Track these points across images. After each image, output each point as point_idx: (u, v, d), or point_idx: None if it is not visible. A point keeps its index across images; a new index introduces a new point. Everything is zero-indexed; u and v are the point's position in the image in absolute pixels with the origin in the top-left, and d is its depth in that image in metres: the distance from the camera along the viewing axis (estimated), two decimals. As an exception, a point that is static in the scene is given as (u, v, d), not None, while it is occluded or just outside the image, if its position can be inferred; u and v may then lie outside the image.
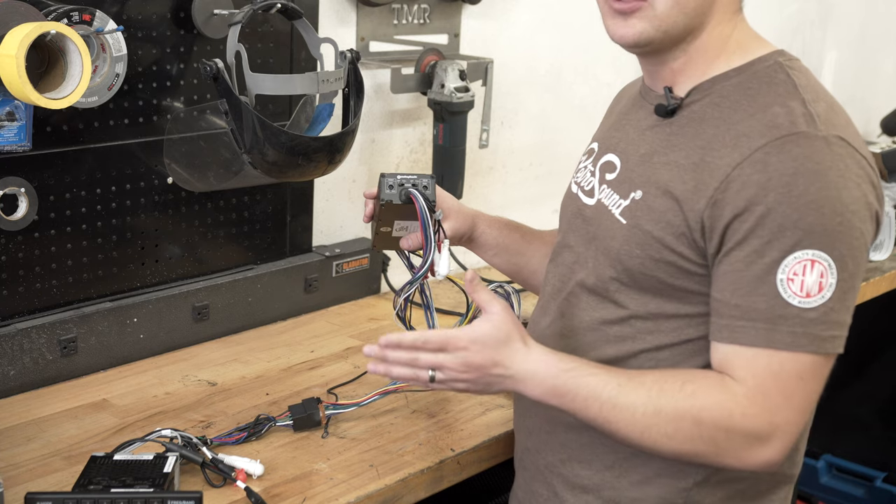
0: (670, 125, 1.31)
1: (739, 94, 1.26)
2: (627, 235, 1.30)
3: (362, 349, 1.33)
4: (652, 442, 1.23)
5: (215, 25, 1.77)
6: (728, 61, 1.29)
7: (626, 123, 1.41)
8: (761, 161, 1.18)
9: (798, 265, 1.16)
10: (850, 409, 3.31)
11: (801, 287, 1.16)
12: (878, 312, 2.81)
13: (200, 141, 1.76)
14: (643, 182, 1.30)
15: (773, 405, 1.18)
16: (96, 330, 1.74)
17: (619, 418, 1.23)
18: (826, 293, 1.17)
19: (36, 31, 1.42)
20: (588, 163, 1.44)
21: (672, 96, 1.31)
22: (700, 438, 1.21)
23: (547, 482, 1.42)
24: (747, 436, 1.19)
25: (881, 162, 2.77)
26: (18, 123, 1.55)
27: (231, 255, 1.95)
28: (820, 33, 3.53)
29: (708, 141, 1.25)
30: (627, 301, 1.32)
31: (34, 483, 1.40)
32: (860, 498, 3.24)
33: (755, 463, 1.21)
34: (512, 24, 2.45)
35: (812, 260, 1.16)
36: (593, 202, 1.38)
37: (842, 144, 1.19)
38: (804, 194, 1.16)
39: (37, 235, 1.67)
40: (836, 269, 1.17)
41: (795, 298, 1.17)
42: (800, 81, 1.25)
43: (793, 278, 1.16)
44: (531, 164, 2.60)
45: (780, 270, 1.17)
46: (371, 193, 1.55)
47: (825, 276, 1.16)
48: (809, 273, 1.16)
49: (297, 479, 1.43)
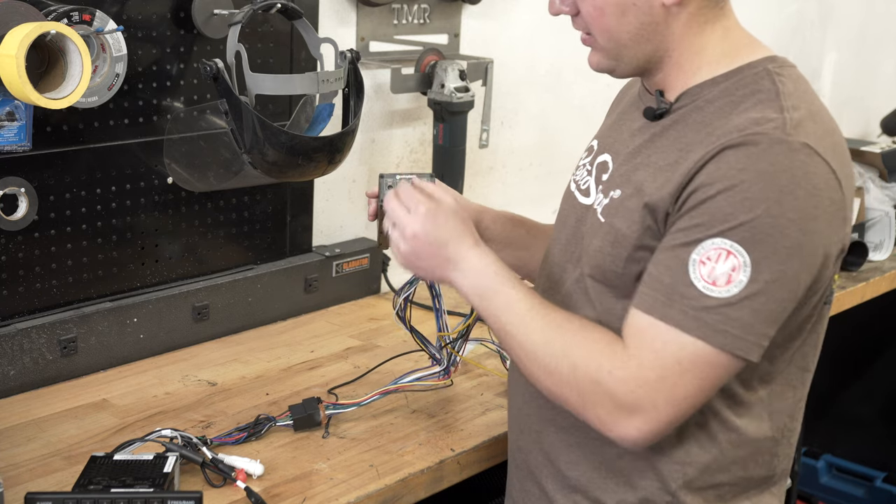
0: (656, 127, 1.32)
1: (723, 101, 1.26)
2: (604, 234, 1.31)
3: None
4: (532, 370, 1.27)
5: (215, 25, 1.77)
6: (714, 68, 1.29)
7: (622, 124, 1.42)
8: (721, 156, 1.19)
9: (714, 251, 1.16)
10: (850, 409, 3.31)
11: (710, 273, 1.16)
12: (878, 312, 2.81)
13: (200, 141, 1.76)
14: (622, 181, 1.31)
15: (644, 378, 1.18)
16: (96, 330, 1.74)
17: (515, 335, 1.28)
18: (733, 288, 1.16)
19: (36, 31, 1.42)
20: (587, 160, 1.45)
21: (662, 100, 1.32)
22: (570, 384, 1.23)
23: (538, 482, 1.42)
24: (612, 398, 1.19)
25: (881, 162, 2.77)
26: (18, 123, 1.55)
27: (231, 255, 1.95)
28: (820, 34, 3.53)
29: (687, 144, 1.25)
30: (607, 300, 1.32)
31: (34, 483, 1.40)
32: (860, 498, 3.24)
33: (615, 432, 1.21)
34: (512, 24, 2.45)
35: (728, 251, 1.16)
36: (587, 201, 1.39)
37: (807, 152, 1.18)
38: (745, 191, 1.16)
39: (37, 235, 1.67)
40: (750, 270, 1.16)
41: (701, 282, 1.16)
42: (784, 89, 1.24)
43: (705, 262, 1.16)
44: (531, 164, 2.60)
45: (696, 251, 1.17)
46: (374, 193, 1.55)
47: (736, 272, 1.16)
48: (723, 262, 1.16)
49: (297, 479, 1.43)
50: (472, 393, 1.74)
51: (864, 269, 2.54)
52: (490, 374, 1.79)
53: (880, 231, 2.66)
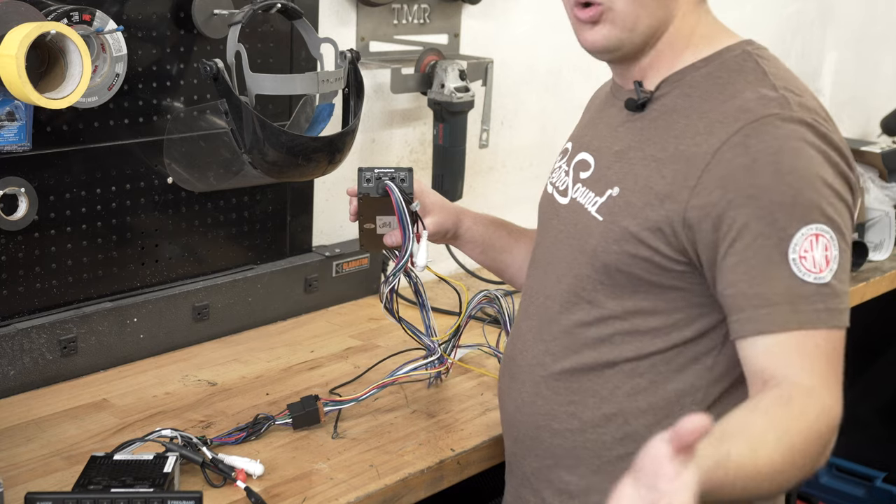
0: (642, 119, 1.31)
1: (709, 84, 1.26)
2: (604, 232, 1.29)
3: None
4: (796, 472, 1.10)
5: (215, 25, 1.77)
6: (695, 52, 1.29)
7: (598, 122, 1.41)
8: (741, 144, 1.18)
9: (805, 241, 1.16)
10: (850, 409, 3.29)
11: (814, 263, 1.16)
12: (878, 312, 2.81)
13: (200, 141, 1.76)
14: (620, 178, 1.30)
15: (835, 385, 1.15)
16: (96, 330, 1.74)
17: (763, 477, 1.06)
18: (833, 265, 1.16)
19: (36, 31, 1.42)
20: (562, 162, 1.45)
21: (642, 90, 1.31)
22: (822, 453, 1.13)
23: (534, 488, 1.41)
24: (834, 429, 1.13)
25: (881, 162, 2.78)
26: (18, 123, 1.55)
27: (231, 255, 1.95)
28: (820, 33, 3.53)
29: (681, 131, 1.24)
30: (604, 300, 1.31)
31: (34, 483, 1.40)
32: (860, 498, 3.24)
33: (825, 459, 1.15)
34: (512, 24, 2.45)
35: (816, 234, 1.16)
36: (567, 201, 1.38)
37: (816, 124, 1.20)
38: (793, 170, 1.16)
39: (37, 235, 1.67)
40: (836, 240, 1.17)
41: (810, 276, 1.15)
42: (769, 69, 1.25)
43: (804, 255, 1.15)
44: (531, 164, 2.60)
45: (791, 250, 1.15)
46: (353, 190, 1.55)
47: (829, 249, 1.16)
48: (816, 247, 1.16)
49: (297, 479, 1.43)
50: (472, 393, 1.74)
51: (864, 269, 2.55)
52: (487, 375, 1.79)
53: (880, 231, 2.66)
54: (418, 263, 1.50)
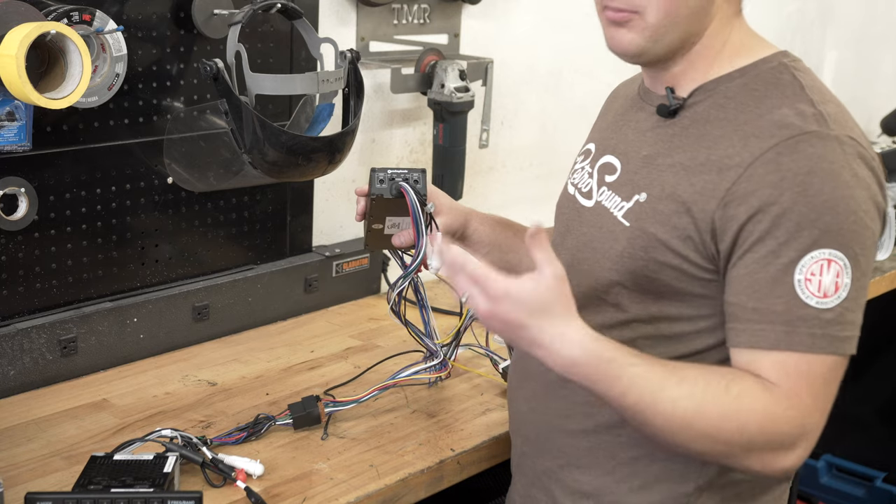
0: (672, 126, 1.30)
1: (745, 96, 1.25)
2: (631, 238, 1.28)
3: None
4: (686, 440, 1.17)
5: (215, 25, 1.77)
6: (731, 62, 1.28)
7: (623, 125, 1.39)
8: (773, 161, 1.17)
9: (815, 265, 1.15)
10: (850, 409, 3.29)
11: (819, 287, 1.15)
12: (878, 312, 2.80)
13: (200, 141, 1.76)
14: (647, 184, 1.29)
15: (805, 408, 1.16)
16: (96, 330, 1.74)
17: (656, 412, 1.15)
18: (842, 293, 1.16)
19: (36, 31, 1.42)
20: (585, 164, 1.43)
21: (674, 97, 1.30)
22: (739, 442, 1.16)
23: (545, 488, 1.41)
24: (781, 440, 1.16)
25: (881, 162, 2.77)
26: (18, 123, 1.55)
27: (231, 255, 1.95)
28: (820, 33, 3.53)
29: (714, 142, 1.24)
30: (628, 304, 1.30)
31: (34, 483, 1.40)
32: (860, 498, 3.24)
33: (776, 468, 1.17)
34: (512, 24, 2.45)
35: (829, 259, 1.15)
36: (591, 203, 1.37)
37: (853, 144, 1.19)
38: (819, 193, 1.15)
39: (37, 235, 1.67)
40: (850, 269, 1.16)
41: (813, 299, 1.15)
42: (806, 82, 1.24)
43: (810, 278, 1.15)
44: (531, 164, 2.60)
45: (798, 271, 1.15)
46: (362, 191, 1.55)
47: (841, 276, 1.15)
48: (826, 273, 1.15)
49: (297, 479, 1.43)
50: (472, 393, 1.74)
51: (864, 269, 2.54)
52: (483, 377, 1.79)
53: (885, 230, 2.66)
54: (432, 265, 1.49)
